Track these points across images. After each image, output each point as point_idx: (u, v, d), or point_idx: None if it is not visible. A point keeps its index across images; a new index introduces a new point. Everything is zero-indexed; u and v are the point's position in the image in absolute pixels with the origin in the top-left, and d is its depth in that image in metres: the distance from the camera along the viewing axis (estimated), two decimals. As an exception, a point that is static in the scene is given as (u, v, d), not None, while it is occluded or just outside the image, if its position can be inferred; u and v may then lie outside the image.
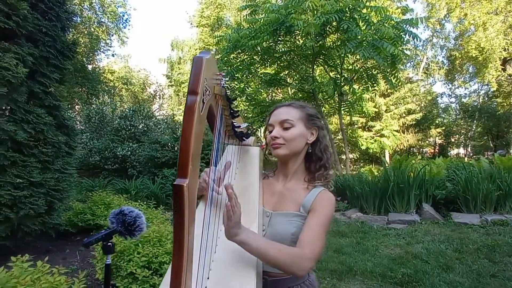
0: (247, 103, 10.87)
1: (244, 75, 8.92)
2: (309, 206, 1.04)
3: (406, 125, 16.60)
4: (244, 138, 1.23)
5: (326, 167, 1.12)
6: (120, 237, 1.07)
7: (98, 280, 2.45)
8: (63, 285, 1.75)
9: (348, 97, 9.51)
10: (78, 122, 10.13)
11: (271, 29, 7.34)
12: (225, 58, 8.66)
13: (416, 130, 17.53)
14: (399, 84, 8.46)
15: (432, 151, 21.45)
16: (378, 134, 15.25)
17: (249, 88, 10.09)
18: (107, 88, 13.19)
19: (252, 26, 7.85)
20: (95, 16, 12.19)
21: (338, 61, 8.89)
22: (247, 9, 8.49)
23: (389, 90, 14.99)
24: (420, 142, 18.96)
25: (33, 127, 2.88)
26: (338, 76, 8.80)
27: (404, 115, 16.18)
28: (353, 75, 9.16)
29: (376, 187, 5.84)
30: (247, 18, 8.30)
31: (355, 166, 16.16)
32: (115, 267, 2.36)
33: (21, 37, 2.85)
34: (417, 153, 18.34)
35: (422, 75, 21.79)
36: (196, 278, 0.80)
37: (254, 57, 8.66)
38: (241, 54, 8.75)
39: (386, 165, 7.49)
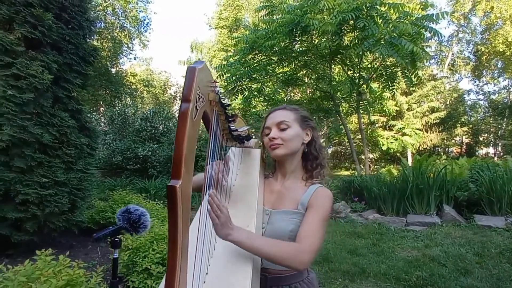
0: (265, 103, 10.91)
1: (261, 76, 8.97)
2: (306, 203, 1.08)
3: (429, 123, 16.04)
4: (242, 140, 1.28)
5: (322, 165, 1.17)
6: (127, 233, 1.15)
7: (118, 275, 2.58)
8: (81, 278, 1.88)
9: (367, 96, 9.34)
10: (102, 124, 10.56)
11: (287, 30, 7.35)
12: (243, 59, 8.75)
13: (440, 129, 16.90)
14: (420, 82, 8.21)
15: (459, 150, 20.60)
16: (399, 133, 14.85)
17: (267, 88, 10.13)
18: (129, 91, 13.65)
19: (268, 27, 7.89)
20: (118, 21, 12.65)
21: (356, 60, 8.78)
22: (264, 9, 8.54)
23: (411, 88, 14.57)
24: (445, 141, 18.27)
25: (58, 130, 3.07)
26: (356, 75, 8.68)
27: (427, 113, 15.66)
28: (372, 73, 9.01)
29: (395, 188, 5.72)
30: (263, 19, 8.36)
31: (375, 166, 15.80)
32: (131, 263, 2.48)
33: (47, 45, 3.04)
34: (442, 153, 17.67)
35: (447, 72, 21.00)
36: (193, 274, 0.85)
37: (272, 57, 8.67)
38: (258, 55, 8.80)
39: (405, 165, 7.29)
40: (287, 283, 1.10)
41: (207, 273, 0.96)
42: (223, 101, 0.97)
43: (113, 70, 13.53)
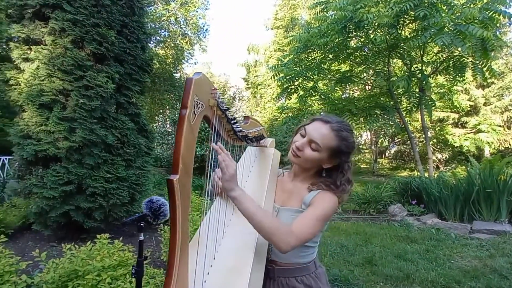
0: (321, 102, 10.75)
1: (314, 74, 8.86)
2: (308, 202, 1.12)
3: (512, 120, 13.94)
4: (252, 141, 1.37)
5: (335, 186, 1.13)
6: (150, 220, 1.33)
7: (164, 262, 2.88)
8: (130, 260, 2.18)
9: (431, 92, 8.59)
10: (168, 125, 11.52)
11: (339, 27, 7.17)
12: (296, 59, 8.77)
13: (527, 126, 14.57)
14: (493, 76, 7.26)
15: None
16: (473, 130, 13.23)
17: (322, 86, 9.97)
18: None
19: (321, 24, 7.79)
20: (180, 29, 13.66)
21: (419, 53, 8.15)
22: (318, 6, 8.43)
23: (489, 80, 12.86)
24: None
25: (119, 132, 3.51)
26: (418, 69, 8.05)
27: (510, 107, 13.65)
28: (438, 66, 8.27)
29: (458, 191, 5.21)
30: (316, 16, 8.26)
31: (446, 167, 14.39)
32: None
33: (110, 59, 3.50)
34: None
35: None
36: (196, 257, 0.98)
37: (329, 55, 8.52)
38: (312, 53, 8.73)
39: (473, 165, 6.55)
40: (293, 275, 1.16)
41: (214, 258, 1.09)
42: (221, 106, 1.09)
43: (177, 75, 14.62)
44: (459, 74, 7.90)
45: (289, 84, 8.95)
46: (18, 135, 3.15)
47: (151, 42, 12.70)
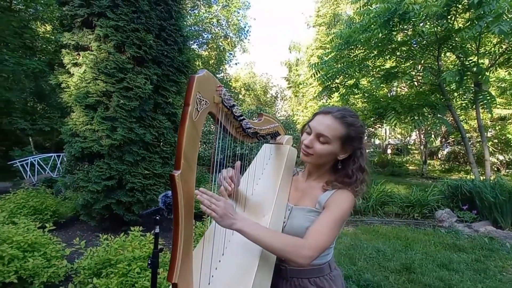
0: (365, 100, 10.31)
1: (355, 71, 8.52)
2: (323, 203, 1.08)
3: None
4: (264, 137, 1.36)
5: (351, 183, 1.09)
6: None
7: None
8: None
9: (488, 87, 7.79)
10: (212, 125, 11.91)
11: (382, 20, 6.81)
12: (338, 56, 8.51)
13: None
14: None
15: None
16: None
17: (367, 83, 9.57)
18: (232, 94, 14.95)
19: (363, 19, 7.47)
20: (222, 31, 13.99)
21: (474, 45, 7.44)
22: (361, 0, 8.09)
23: None
24: None
25: (157, 130, 3.70)
26: (473, 62, 7.34)
27: None
28: (497, 58, 7.48)
29: (518, 196, 4.67)
30: (358, 11, 7.95)
31: (508, 171, 12.99)
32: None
33: (149, 61, 3.69)
34: None
35: None
36: (205, 252, 1.01)
37: (373, 51, 8.14)
38: (355, 50, 8.40)
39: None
40: (306, 276, 1.14)
41: (223, 254, 1.11)
42: (226, 103, 1.09)
43: (220, 75, 14.99)
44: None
45: (329, 82, 8.72)
46: (68, 134, 3.47)
47: (195, 44, 13.17)
